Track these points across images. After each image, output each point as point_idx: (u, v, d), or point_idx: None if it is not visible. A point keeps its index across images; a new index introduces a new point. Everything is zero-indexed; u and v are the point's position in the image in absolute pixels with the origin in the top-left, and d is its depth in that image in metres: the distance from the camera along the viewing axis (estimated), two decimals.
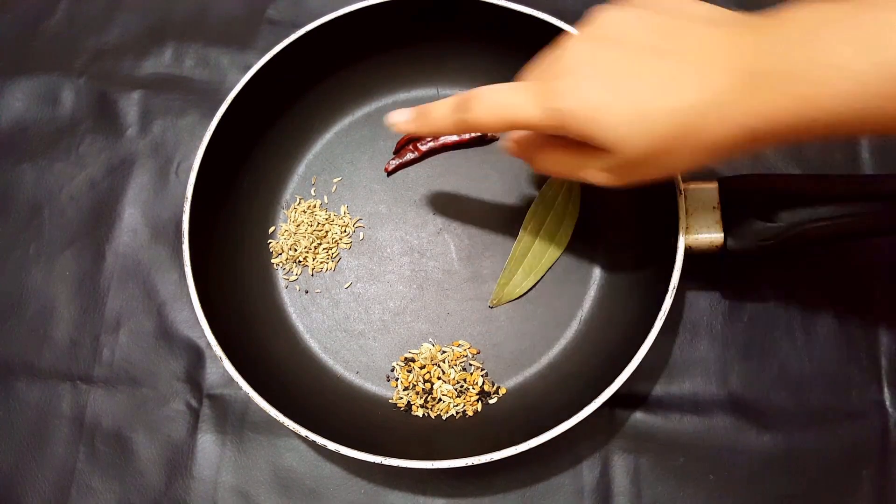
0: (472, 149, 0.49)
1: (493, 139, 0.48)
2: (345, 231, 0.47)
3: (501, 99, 0.31)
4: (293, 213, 0.48)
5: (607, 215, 0.46)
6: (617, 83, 0.28)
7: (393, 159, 0.49)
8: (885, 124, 0.26)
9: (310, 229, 0.47)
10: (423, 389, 0.44)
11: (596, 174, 0.32)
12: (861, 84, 0.25)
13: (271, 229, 0.48)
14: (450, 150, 0.49)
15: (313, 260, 0.47)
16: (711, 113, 0.27)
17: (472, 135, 0.48)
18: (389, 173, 0.49)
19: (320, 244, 0.47)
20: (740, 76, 0.27)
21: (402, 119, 0.37)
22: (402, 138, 0.49)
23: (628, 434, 0.44)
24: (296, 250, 0.47)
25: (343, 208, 0.48)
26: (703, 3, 0.30)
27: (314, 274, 0.47)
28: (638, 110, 0.28)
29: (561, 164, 0.34)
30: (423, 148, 0.48)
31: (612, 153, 0.30)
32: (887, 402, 0.44)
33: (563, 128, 0.30)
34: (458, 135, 0.35)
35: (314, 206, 0.48)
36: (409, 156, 0.48)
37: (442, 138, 0.48)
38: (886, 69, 0.25)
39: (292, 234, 0.47)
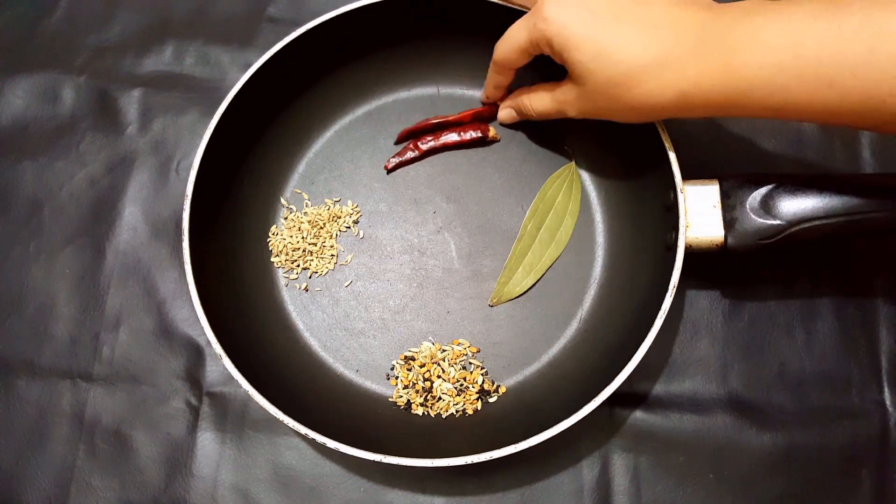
0: (473, 148, 0.49)
1: (494, 140, 0.48)
2: (345, 229, 0.47)
3: (508, 33, 0.41)
4: (293, 211, 0.48)
5: (608, 214, 0.47)
6: (595, 25, 0.35)
7: (393, 157, 0.49)
8: (798, 109, 0.31)
9: (310, 227, 0.47)
10: (423, 388, 0.44)
11: (568, 106, 0.40)
12: (778, 63, 0.31)
13: (271, 227, 0.48)
14: (450, 149, 0.49)
15: (313, 258, 0.47)
16: (654, 72, 0.34)
17: (473, 135, 0.48)
18: (389, 171, 0.49)
19: (320, 242, 0.47)
20: (686, 44, 0.33)
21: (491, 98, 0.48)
22: (401, 134, 0.49)
23: (628, 433, 0.44)
24: (296, 248, 0.47)
25: (344, 206, 0.48)
26: None
27: (314, 272, 0.47)
28: (602, 51, 0.35)
29: (545, 102, 0.42)
30: (424, 147, 0.48)
31: (576, 82, 0.37)
32: (887, 402, 0.44)
33: (545, 39, 0.37)
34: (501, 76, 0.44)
35: (315, 204, 0.48)
36: (410, 154, 0.48)
37: (442, 138, 0.48)
38: (801, 61, 0.30)
39: (293, 232, 0.47)
